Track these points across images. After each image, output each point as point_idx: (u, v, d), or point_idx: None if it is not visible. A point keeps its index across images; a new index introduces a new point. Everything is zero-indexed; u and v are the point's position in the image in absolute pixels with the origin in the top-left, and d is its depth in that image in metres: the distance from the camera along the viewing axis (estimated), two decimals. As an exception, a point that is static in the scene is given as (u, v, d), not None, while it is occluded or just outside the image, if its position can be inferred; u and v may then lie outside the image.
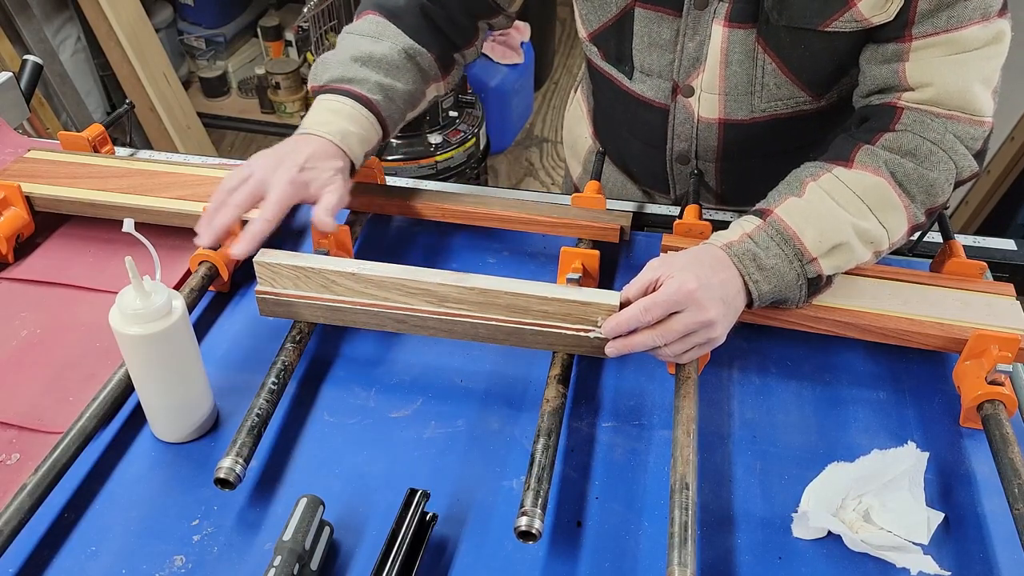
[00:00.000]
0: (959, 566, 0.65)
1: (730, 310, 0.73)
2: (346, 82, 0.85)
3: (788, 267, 0.75)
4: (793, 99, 0.88)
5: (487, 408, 0.78)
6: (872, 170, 0.77)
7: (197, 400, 0.73)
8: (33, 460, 0.72)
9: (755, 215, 0.78)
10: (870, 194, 0.76)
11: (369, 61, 0.87)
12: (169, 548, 0.66)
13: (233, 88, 3.20)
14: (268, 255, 0.78)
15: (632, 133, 1.03)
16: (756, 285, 0.74)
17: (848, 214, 0.76)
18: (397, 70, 0.88)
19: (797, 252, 0.75)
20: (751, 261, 0.74)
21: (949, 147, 0.78)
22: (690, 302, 0.70)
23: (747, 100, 0.89)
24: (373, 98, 0.85)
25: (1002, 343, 0.74)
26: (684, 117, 0.94)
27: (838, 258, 0.76)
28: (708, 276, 0.71)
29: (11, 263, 0.94)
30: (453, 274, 0.76)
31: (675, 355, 0.73)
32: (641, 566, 0.65)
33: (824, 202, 0.76)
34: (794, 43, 0.83)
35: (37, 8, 2.43)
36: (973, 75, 0.77)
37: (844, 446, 0.74)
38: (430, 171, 2.19)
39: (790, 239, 0.75)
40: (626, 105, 0.99)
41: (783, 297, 0.77)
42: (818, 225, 0.75)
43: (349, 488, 0.70)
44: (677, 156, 0.99)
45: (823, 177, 0.78)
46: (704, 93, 0.90)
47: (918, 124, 0.78)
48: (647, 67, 0.92)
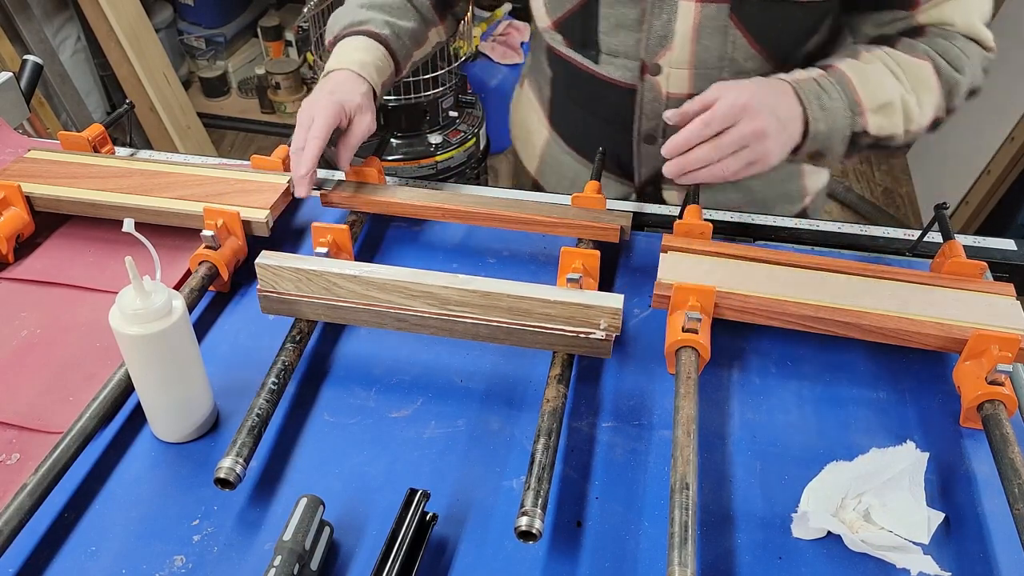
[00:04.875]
0: (959, 566, 0.65)
1: (784, 130, 0.78)
2: (356, 25, 0.95)
3: (843, 113, 0.81)
4: (758, 71, 0.91)
5: (487, 408, 0.78)
6: (917, 55, 0.84)
7: (197, 400, 0.73)
8: (33, 460, 0.72)
9: (815, 68, 0.83)
10: (914, 72, 0.84)
11: (373, 5, 0.97)
12: (169, 548, 0.66)
13: (233, 88, 3.21)
14: (269, 257, 0.78)
15: (597, 117, 1.05)
16: (815, 122, 0.79)
17: (896, 80, 0.83)
18: (399, 11, 0.99)
19: (852, 102, 0.81)
20: (815, 98, 0.80)
21: (970, 59, 0.86)
22: (744, 113, 0.75)
23: (716, 75, 0.92)
24: (382, 33, 0.95)
25: (1002, 343, 0.74)
26: (652, 96, 0.96)
27: (883, 117, 0.83)
28: (767, 95, 0.77)
29: (11, 263, 0.94)
30: (455, 277, 0.76)
31: (730, 171, 0.77)
32: (641, 566, 0.65)
33: (877, 67, 0.83)
34: (766, 16, 0.87)
35: (37, 8, 2.43)
36: (975, 14, 0.87)
37: (844, 446, 0.74)
38: (430, 171, 2.19)
39: (849, 89, 0.81)
40: (592, 89, 1.01)
41: (828, 145, 0.82)
42: (872, 82, 0.82)
43: (349, 488, 0.70)
44: (645, 136, 1.02)
45: (876, 51, 0.85)
46: (673, 70, 0.93)
47: (947, 35, 0.86)
48: (614, 49, 0.95)
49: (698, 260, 0.85)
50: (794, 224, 1.00)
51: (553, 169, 1.16)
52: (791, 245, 0.98)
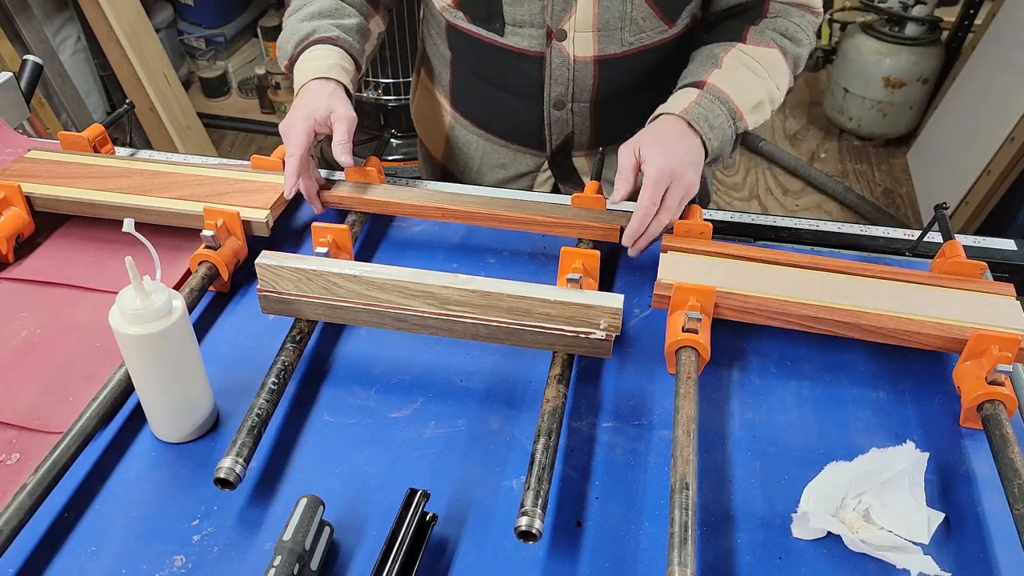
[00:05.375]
0: (959, 566, 0.65)
1: (698, 168, 0.87)
2: (306, 39, 0.97)
3: (728, 124, 0.90)
4: (655, 29, 0.99)
5: (487, 408, 0.78)
6: (765, 44, 0.94)
7: (197, 400, 0.73)
8: (33, 460, 0.72)
9: (690, 87, 0.91)
10: (768, 61, 0.94)
11: (313, 16, 0.99)
12: (169, 548, 0.66)
13: (233, 88, 3.20)
14: (269, 257, 0.78)
15: (505, 90, 1.08)
16: (710, 142, 0.88)
17: (758, 78, 0.93)
18: (338, 12, 1.01)
19: (731, 111, 0.90)
20: (704, 122, 0.88)
21: (806, 31, 0.97)
22: (673, 177, 0.84)
23: (618, 35, 0.97)
24: (332, 35, 0.97)
25: (1002, 343, 0.74)
26: (560, 61, 1.00)
27: (757, 114, 0.93)
28: (674, 147, 0.86)
29: (11, 263, 0.94)
30: (455, 277, 0.76)
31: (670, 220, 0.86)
32: (641, 566, 0.65)
33: (740, 70, 0.92)
34: None
35: (37, 8, 2.43)
36: None
37: (844, 446, 0.74)
38: (430, 171, 2.19)
39: (726, 101, 0.90)
40: (498, 62, 1.03)
41: (720, 154, 0.91)
42: (742, 87, 0.91)
43: (349, 488, 0.70)
44: (554, 102, 1.05)
45: (732, 51, 0.93)
46: (578, 33, 0.97)
47: (785, 12, 0.96)
48: (519, 19, 0.97)
49: (698, 260, 0.85)
50: (794, 224, 1.01)
51: (460, 151, 1.19)
52: (791, 245, 0.98)
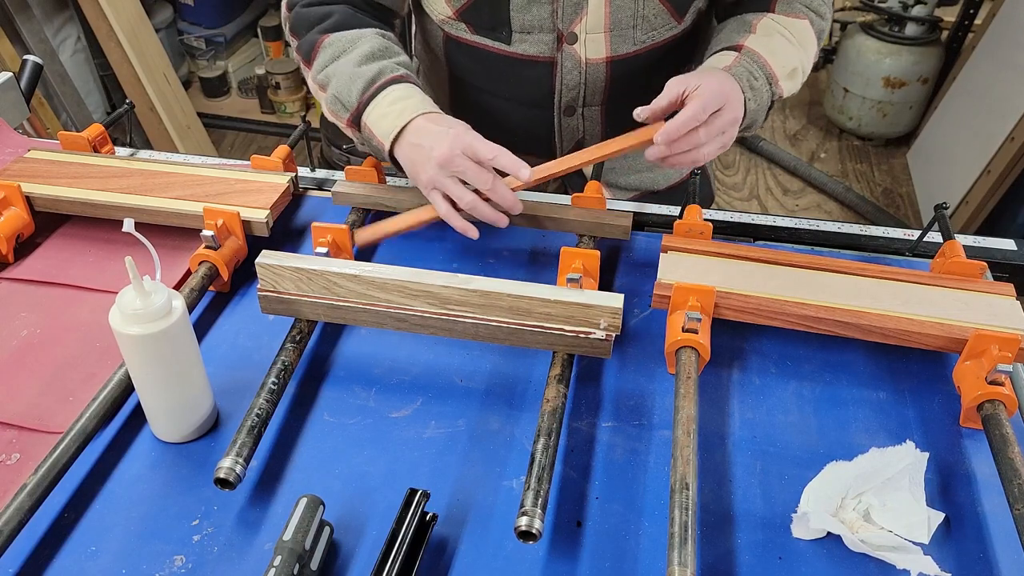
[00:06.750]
0: (959, 566, 0.65)
1: (736, 125, 0.83)
2: (374, 81, 0.88)
3: (765, 88, 0.87)
4: (665, 26, 0.97)
5: (487, 408, 0.78)
6: (795, 15, 0.93)
7: (197, 400, 0.73)
8: (33, 460, 0.72)
9: (726, 51, 0.88)
10: (799, 32, 0.92)
11: (370, 58, 0.90)
12: (169, 548, 0.66)
13: (233, 88, 3.20)
14: (269, 257, 0.78)
15: (512, 100, 1.05)
16: (750, 102, 0.85)
17: (792, 45, 0.90)
18: (388, 51, 0.93)
19: (769, 75, 0.87)
20: (746, 81, 0.85)
21: (828, 4, 0.96)
22: (726, 101, 0.80)
23: (631, 34, 0.96)
24: (400, 73, 0.89)
25: (1002, 343, 0.74)
26: (571, 65, 0.98)
27: (791, 82, 0.91)
28: (728, 85, 0.82)
29: (11, 263, 0.94)
30: (455, 277, 0.76)
31: (705, 156, 0.81)
32: (641, 566, 0.65)
33: (775, 36, 0.90)
34: None
35: (37, 8, 2.43)
36: None
37: (844, 446, 0.74)
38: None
39: (763, 64, 0.87)
40: (505, 72, 1.01)
41: (756, 119, 0.88)
42: (779, 53, 0.89)
43: (349, 488, 0.70)
44: (565, 108, 1.03)
45: (763, 19, 0.91)
46: (589, 36, 0.95)
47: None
48: (527, 25, 0.96)
49: (698, 260, 0.85)
50: (794, 224, 1.01)
51: None
52: (791, 245, 0.98)
